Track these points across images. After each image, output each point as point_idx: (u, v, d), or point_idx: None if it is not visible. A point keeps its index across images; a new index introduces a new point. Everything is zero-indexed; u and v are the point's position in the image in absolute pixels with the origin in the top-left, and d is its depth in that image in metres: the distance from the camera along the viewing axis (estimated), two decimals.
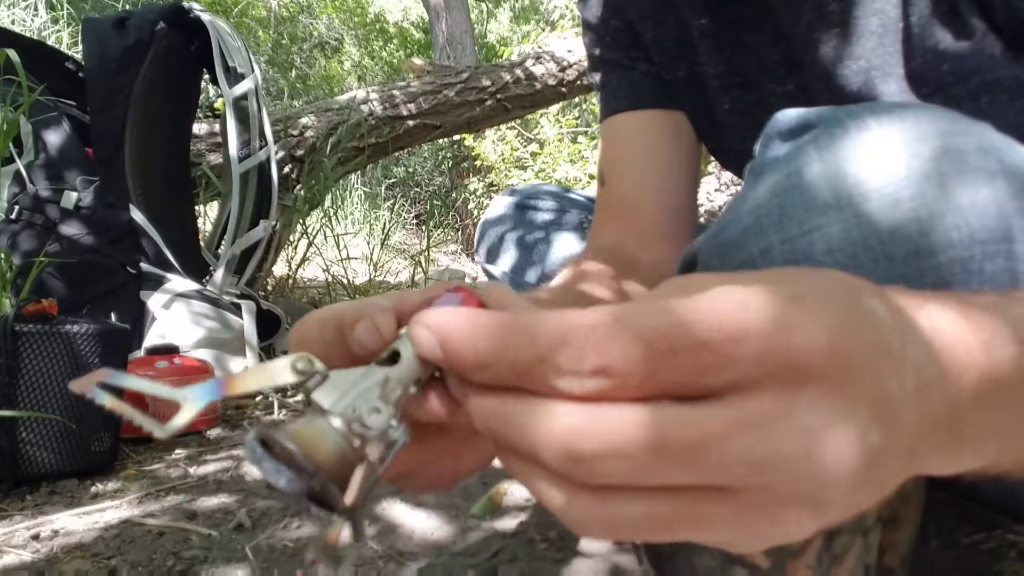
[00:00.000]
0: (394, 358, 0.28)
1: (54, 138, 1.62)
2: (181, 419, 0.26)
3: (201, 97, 2.14)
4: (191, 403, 0.26)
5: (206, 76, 1.95)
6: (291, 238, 2.61)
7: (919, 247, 0.40)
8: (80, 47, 1.92)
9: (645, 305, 0.23)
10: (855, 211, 0.42)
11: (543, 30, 5.52)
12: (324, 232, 2.95)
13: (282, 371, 0.27)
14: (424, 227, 5.19)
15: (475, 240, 1.16)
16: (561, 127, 5.29)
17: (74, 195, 1.58)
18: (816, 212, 0.43)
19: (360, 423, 0.26)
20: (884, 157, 0.42)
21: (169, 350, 1.40)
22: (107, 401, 0.26)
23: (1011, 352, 0.28)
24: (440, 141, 5.27)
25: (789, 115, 0.48)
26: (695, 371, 0.22)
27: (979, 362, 0.27)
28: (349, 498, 0.25)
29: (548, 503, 0.25)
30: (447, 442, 0.36)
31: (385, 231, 3.76)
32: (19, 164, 1.57)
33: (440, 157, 6.93)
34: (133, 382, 0.26)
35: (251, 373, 0.27)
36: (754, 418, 0.22)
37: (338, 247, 2.94)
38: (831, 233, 0.42)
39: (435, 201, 6.45)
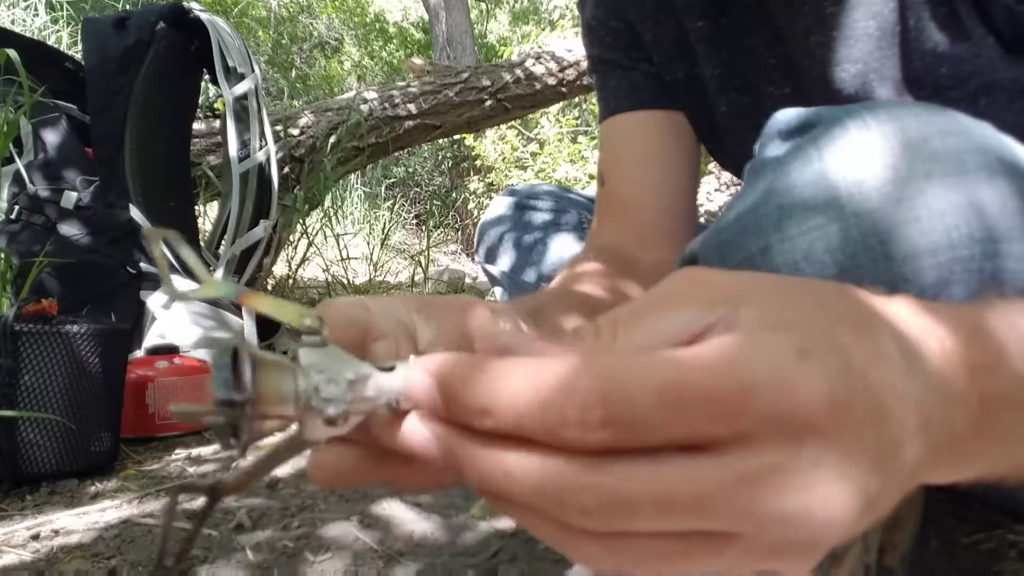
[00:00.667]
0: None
1: (54, 138, 1.62)
2: (201, 291, 0.27)
3: (201, 97, 2.14)
4: (211, 285, 0.27)
5: (206, 76, 1.95)
6: (291, 238, 2.61)
7: (919, 246, 0.40)
8: (80, 47, 1.92)
9: (653, 354, 0.23)
10: (855, 210, 0.42)
11: (543, 30, 5.52)
12: (324, 232, 2.96)
13: (291, 314, 0.27)
14: (424, 227, 5.19)
15: (475, 240, 1.16)
16: (561, 127, 5.29)
17: (74, 195, 1.58)
18: (815, 211, 0.43)
19: (315, 389, 0.26)
20: (884, 156, 0.42)
21: (169, 350, 1.40)
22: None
23: (1016, 369, 0.28)
24: (440, 141, 5.27)
25: (788, 115, 0.48)
26: (702, 422, 0.22)
27: (984, 384, 0.28)
28: (251, 441, 0.25)
29: (548, 543, 0.25)
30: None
31: (385, 231, 3.76)
32: (19, 164, 1.56)
33: (440, 157, 6.93)
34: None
35: (266, 300, 0.28)
36: (756, 472, 0.22)
37: (338, 247, 2.94)
38: (830, 232, 0.42)
39: (435, 201, 6.45)
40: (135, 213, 1.65)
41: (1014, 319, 0.30)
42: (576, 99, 4.60)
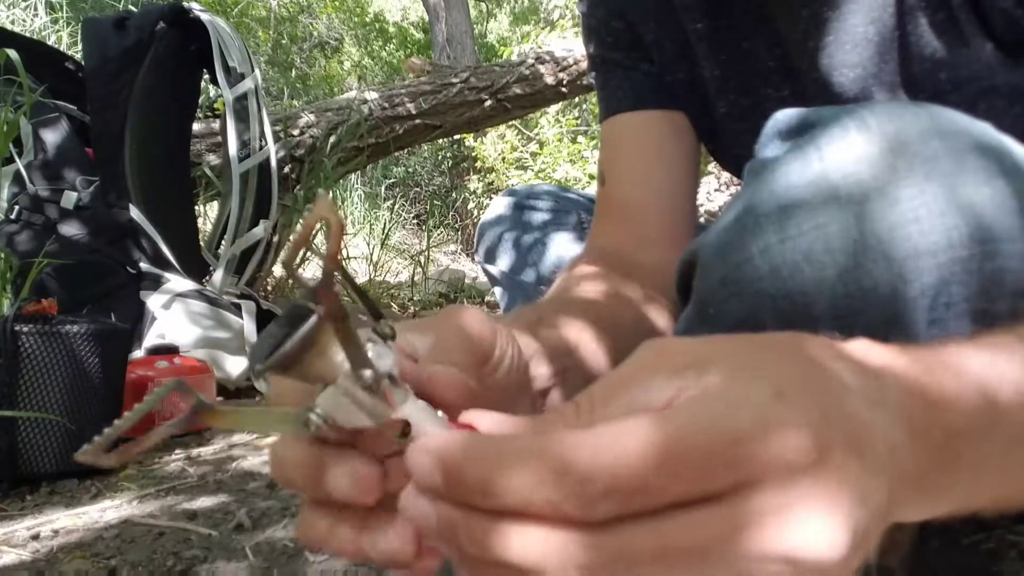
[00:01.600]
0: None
1: (54, 138, 1.62)
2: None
3: (201, 97, 2.14)
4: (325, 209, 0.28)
5: (206, 76, 1.95)
6: (291, 238, 2.60)
7: (919, 247, 0.40)
8: (80, 47, 1.92)
9: (645, 420, 0.24)
10: (855, 210, 0.42)
11: (543, 30, 5.52)
12: (324, 232, 2.95)
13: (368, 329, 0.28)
14: (424, 227, 5.19)
15: (475, 240, 1.16)
16: (561, 127, 5.29)
17: (74, 195, 1.58)
18: (815, 211, 0.43)
19: (332, 394, 0.27)
20: (884, 157, 0.42)
21: (169, 350, 1.40)
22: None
23: (975, 404, 0.29)
24: (440, 141, 5.26)
25: (788, 115, 0.48)
26: (698, 479, 0.23)
27: (944, 418, 0.28)
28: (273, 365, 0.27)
29: None
30: None
31: (385, 231, 3.76)
32: (19, 164, 1.56)
33: (440, 157, 6.93)
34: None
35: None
36: (751, 517, 0.23)
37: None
38: (830, 233, 0.42)
39: (435, 201, 6.45)
40: (135, 213, 1.65)
41: (970, 357, 0.31)
42: (576, 99, 4.60)
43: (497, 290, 1.11)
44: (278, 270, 2.67)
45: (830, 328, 0.42)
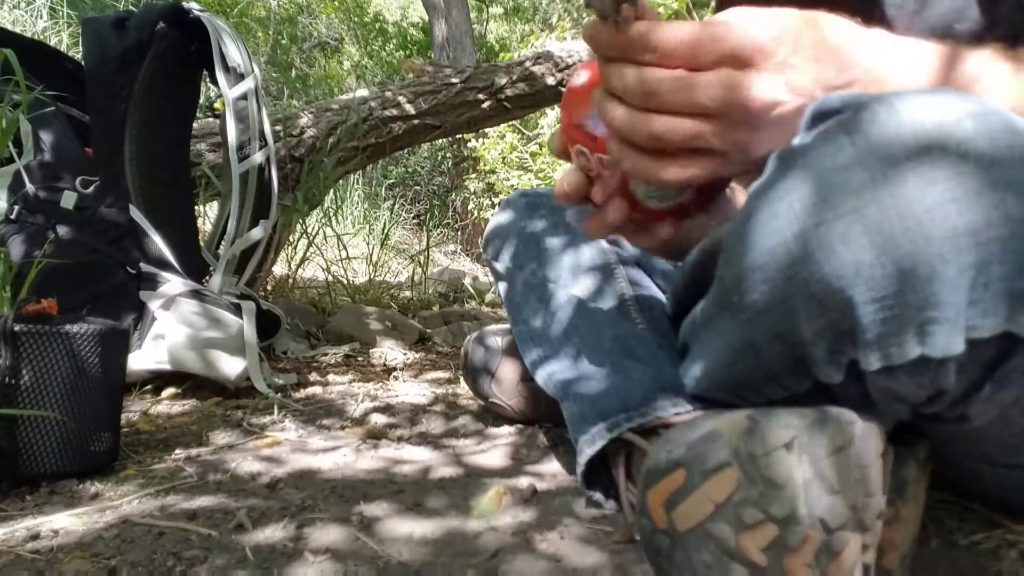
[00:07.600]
0: None
1: (53, 138, 1.62)
2: None
3: (201, 97, 2.14)
4: None
5: (206, 76, 1.95)
6: (291, 238, 2.61)
7: (957, 227, 0.40)
8: (80, 47, 1.92)
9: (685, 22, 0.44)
10: (891, 192, 0.42)
11: (542, 31, 5.52)
12: (324, 232, 2.95)
13: None
14: (424, 227, 5.19)
15: (483, 237, 1.17)
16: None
17: (74, 195, 1.58)
18: (851, 195, 0.44)
19: None
20: (918, 139, 0.42)
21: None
22: None
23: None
24: (440, 141, 5.26)
25: (815, 103, 0.49)
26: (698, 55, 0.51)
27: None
28: None
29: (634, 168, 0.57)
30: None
31: (385, 231, 3.76)
32: (19, 164, 1.56)
33: (440, 157, 6.94)
34: None
35: None
36: (727, 77, 0.51)
37: (338, 247, 2.94)
38: (868, 215, 0.43)
39: (435, 201, 6.45)
40: (135, 213, 1.65)
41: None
42: None
43: (502, 286, 1.12)
44: (278, 270, 2.67)
45: (867, 311, 0.43)
